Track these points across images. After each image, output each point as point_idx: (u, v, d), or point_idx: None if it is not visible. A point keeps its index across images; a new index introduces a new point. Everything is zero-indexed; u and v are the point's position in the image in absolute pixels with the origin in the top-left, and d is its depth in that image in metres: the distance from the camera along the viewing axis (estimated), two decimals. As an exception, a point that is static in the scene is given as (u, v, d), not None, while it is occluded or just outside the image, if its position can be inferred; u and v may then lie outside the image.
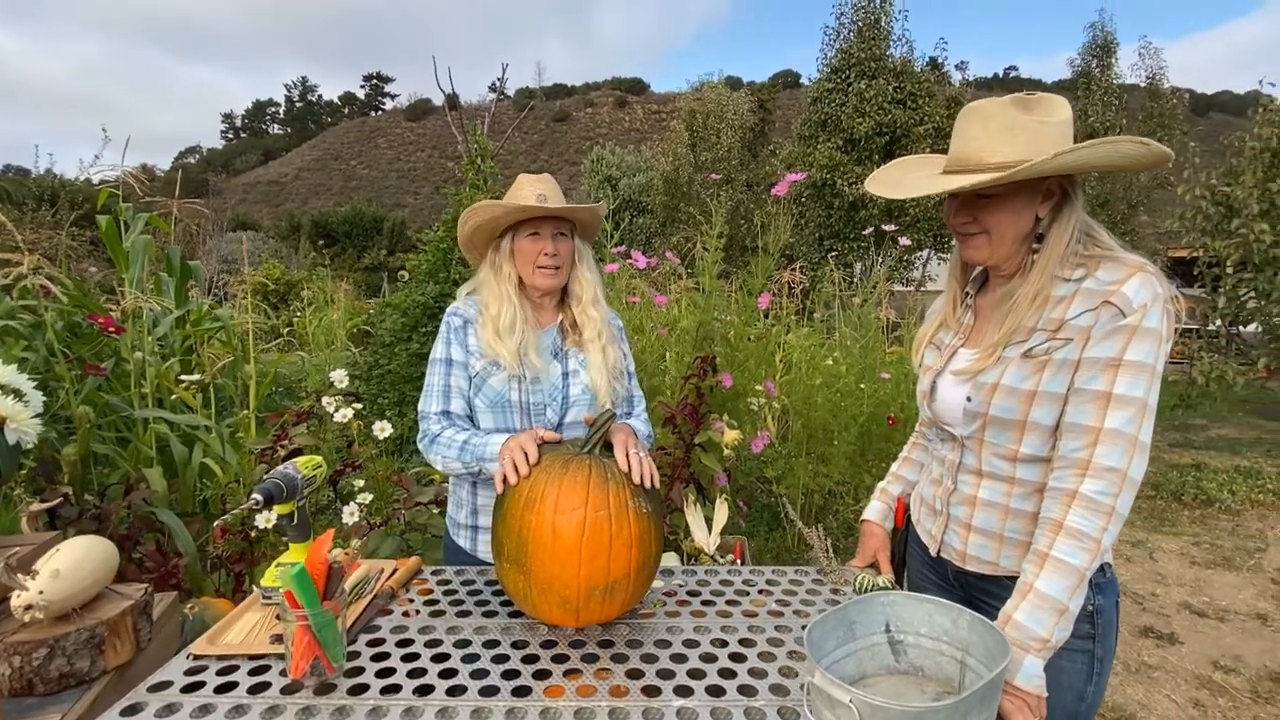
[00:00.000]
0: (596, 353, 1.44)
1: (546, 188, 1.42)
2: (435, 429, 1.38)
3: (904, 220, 13.58)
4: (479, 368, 1.40)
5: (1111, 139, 0.91)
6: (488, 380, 1.39)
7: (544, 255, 1.40)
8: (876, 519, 1.37)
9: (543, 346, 1.44)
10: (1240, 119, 11.28)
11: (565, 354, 1.47)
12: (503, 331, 1.38)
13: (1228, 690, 2.56)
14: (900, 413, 3.69)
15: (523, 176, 1.46)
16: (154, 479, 2.26)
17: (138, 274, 2.86)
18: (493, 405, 1.39)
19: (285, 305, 10.44)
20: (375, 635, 1.10)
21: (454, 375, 1.41)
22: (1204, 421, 7.61)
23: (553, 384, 1.43)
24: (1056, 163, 0.92)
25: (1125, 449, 0.91)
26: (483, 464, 1.29)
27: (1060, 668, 0.99)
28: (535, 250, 1.40)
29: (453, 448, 1.33)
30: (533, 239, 1.40)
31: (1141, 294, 0.92)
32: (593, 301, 1.47)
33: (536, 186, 1.41)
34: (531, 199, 1.38)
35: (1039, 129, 0.96)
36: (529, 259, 1.41)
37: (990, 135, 0.99)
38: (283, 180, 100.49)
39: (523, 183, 1.44)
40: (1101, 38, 16.71)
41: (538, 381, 1.41)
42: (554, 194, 1.42)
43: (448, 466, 1.35)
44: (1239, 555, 3.83)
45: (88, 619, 1.09)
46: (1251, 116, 5.71)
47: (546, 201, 1.38)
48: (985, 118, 1.01)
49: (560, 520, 1.03)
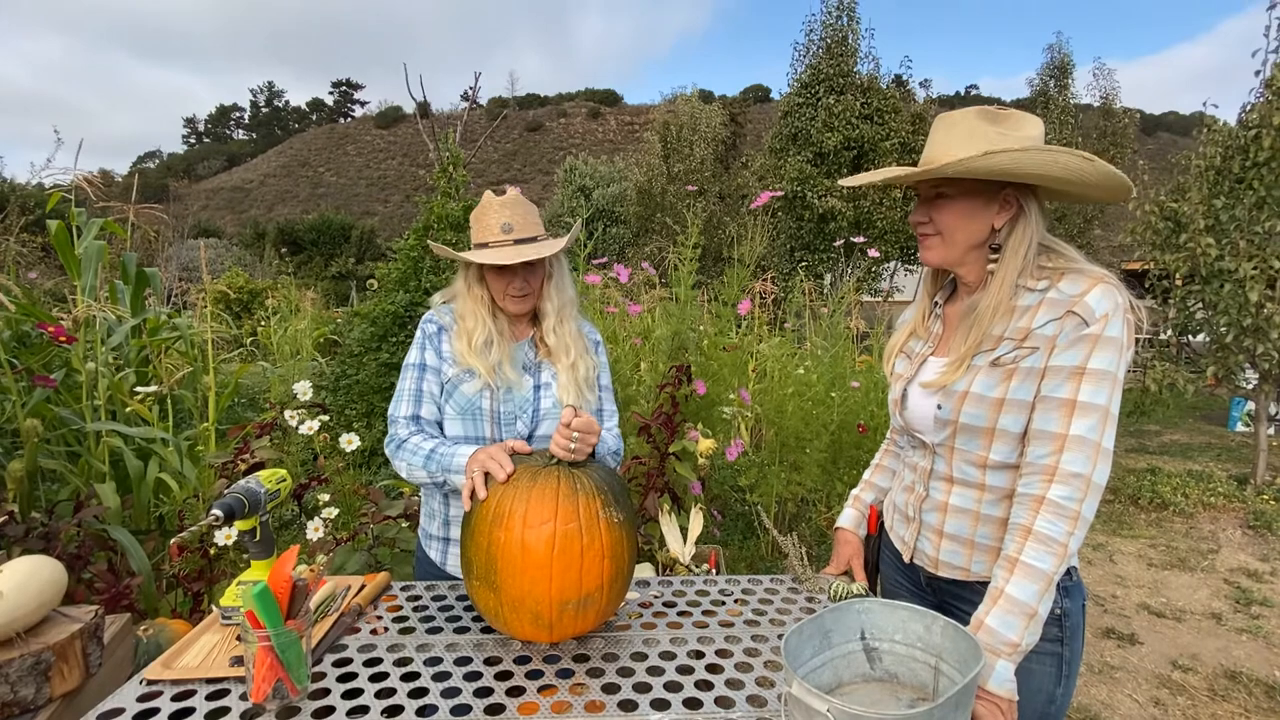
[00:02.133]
0: (565, 369, 1.43)
1: (513, 215, 1.37)
2: (403, 434, 1.35)
3: (872, 233, 13.88)
4: (452, 374, 1.39)
5: (1050, 147, 0.95)
6: (460, 387, 1.37)
7: (512, 288, 1.39)
8: (850, 526, 1.38)
9: (516, 360, 1.43)
10: (1185, 138, 11.79)
11: (538, 367, 1.46)
12: (477, 348, 1.37)
13: (1186, 689, 2.64)
14: (870, 420, 3.75)
15: (488, 199, 1.41)
16: (106, 495, 2.17)
17: (91, 281, 2.75)
18: (463, 412, 1.37)
19: (249, 314, 10.17)
20: (342, 655, 1.06)
21: (426, 380, 1.40)
22: (1157, 427, 7.90)
23: (524, 396, 1.42)
24: (987, 162, 0.95)
25: (1089, 455, 0.94)
26: (448, 475, 1.25)
27: (1030, 670, 1.01)
28: (504, 282, 1.39)
29: (418, 455, 1.30)
30: (499, 273, 1.38)
31: (1103, 304, 0.95)
32: (559, 321, 1.45)
33: (502, 215, 1.37)
34: (496, 229, 1.35)
35: (998, 139, 0.99)
36: (498, 288, 1.40)
37: (950, 140, 1.03)
38: (247, 187, 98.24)
39: (488, 208, 1.39)
40: (1059, 59, 17.41)
41: (510, 392, 1.40)
42: (522, 220, 1.38)
43: (412, 475, 1.32)
44: (1193, 556, 3.97)
45: (33, 644, 1.03)
46: (1196, 136, 5.99)
47: (511, 231, 1.35)
48: (950, 125, 1.05)
49: (529, 535, 1.01)
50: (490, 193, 1.42)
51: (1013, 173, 0.98)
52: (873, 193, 14.03)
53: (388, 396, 4.60)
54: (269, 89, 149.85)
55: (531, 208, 1.43)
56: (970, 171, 0.98)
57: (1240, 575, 3.72)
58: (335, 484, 2.36)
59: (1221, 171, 5.47)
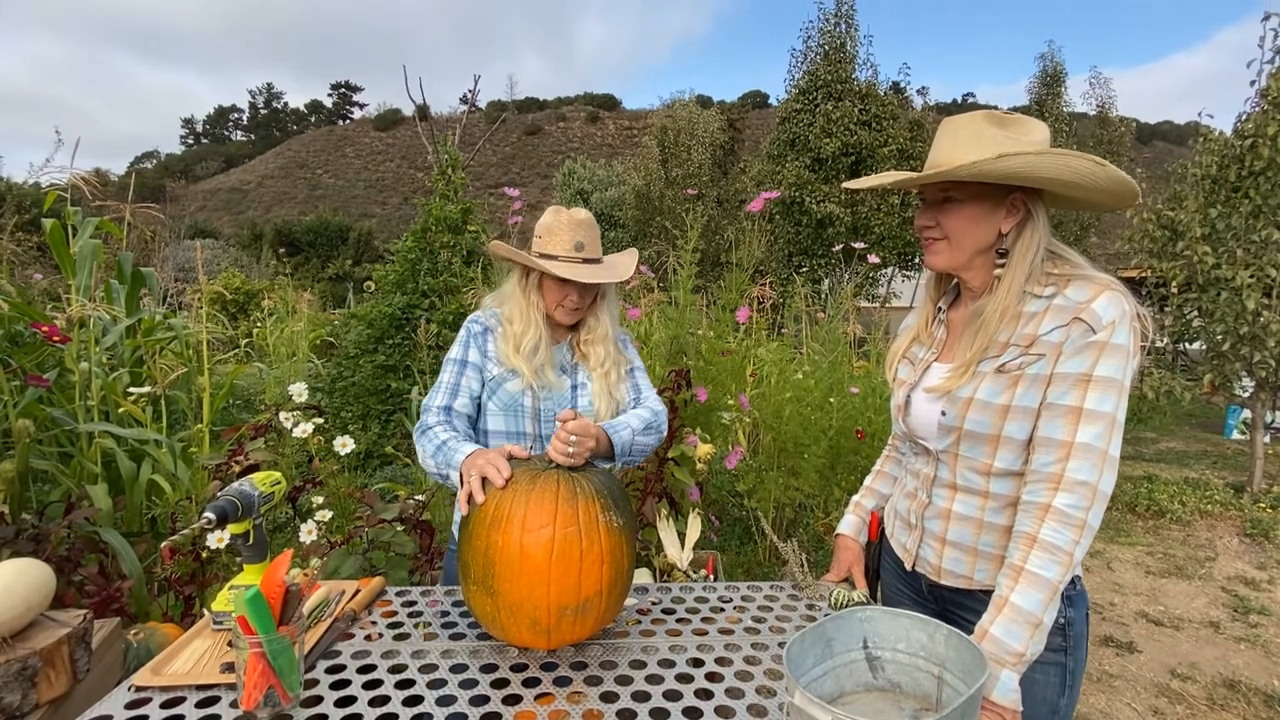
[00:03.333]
0: (600, 379, 1.50)
1: (586, 235, 1.42)
2: (431, 420, 1.38)
3: (870, 238, 13.92)
4: (496, 373, 1.45)
5: (1063, 151, 0.94)
6: (504, 384, 1.44)
7: (568, 301, 1.45)
8: (850, 533, 1.37)
9: (555, 363, 1.50)
10: (1181, 147, 11.76)
11: (574, 368, 1.53)
12: (525, 351, 1.43)
13: (1185, 698, 2.63)
14: (868, 426, 3.74)
15: (562, 214, 1.44)
16: (98, 496, 2.14)
17: (85, 281, 2.73)
18: (506, 408, 1.44)
19: (245, 315, 10.13)
20: (335, 661, 1.04)
21: (466, 376, 1.45)
22: (1154, 435, 7.92)
23: (562, 395, 1.49)
24: (1001, 165, 0.94)
25: (1096, 463, 0.93)
26: (449, 471, 1.24)
27: (1034, 680, 1.00)
28: (562, 294, 1.44)
29: (432, 443, 1.31)
30: (560, 285, 1.43)
31: (1110, 311, 0.94)
32: (602, 338, 1.51)
33: (576, 233, 1.41)
34: (569, 245, 1.40)
35: (1006, 143, 0.98)
36: (555, 298, 1.45)
37: (957, 143, 1.02)
38: (245, 188, 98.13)
39: (561, 224, 1.43)
40: (1051, 68, 17.51)
41: (549, 392, 1.47)
42: (592, 242, 1.43)
43: (424, 463, 1.33)
44: (1190, 564, 3.96)
45: (19, 649, 1.01)
46: (1192, 145, 6.02)
47: (583, 250, 1.41)
48: (956, 129, 1.04)
49: (528, 539, 1.00)
50: (562, 208, 1.47)
51: (1026, 176, 0.97)
52: (870, 198, 14.08)
53: (384, 399, 4.58)
54: (268, 90, 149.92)
55: (598, 230, 1.49)
56: (983, 175, 0.97)
57: (1238, 583, 3.71)
58: (330, 487, 2.34)
59: (1218, 180, 5.49)
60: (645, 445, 1.44)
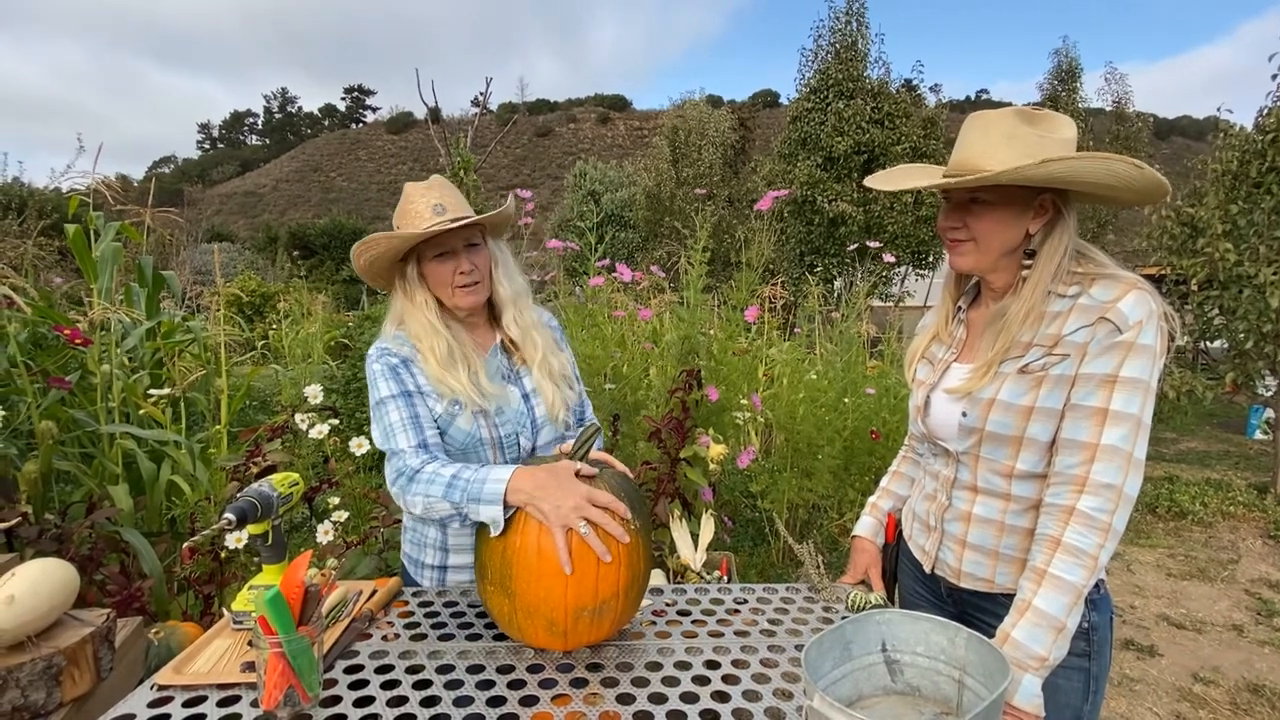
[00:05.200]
0: (542, 367, 1.34)
1: (441, 195, 1.25)
2: (414, 463, 1.16)
3: (883, 237, 13.82)
4: (440, 410, 1.24)
5: (1104, 155, 0.92)
6: (454, 422, 1.25)
7: (459, 274, 1.25)
8: (867, 535, 1.36)
9: (491, 371, 1.32)
10: (1200, 143, 11.54)
11: (517, 374, 1.36)
12: (445, 359, 1.24)
13: (1208, 702, 2.58)
14: (883, 427, 3.72)
15: (410, 187, 1.28)
16: (119, 497, 2.17)
17: (107, 284, 2.77)
18: (465, 448, 1.26)
19: (261, 318, 10.25)
20: (353, 661, 1.05)
21: (417, 405, 1.23)
22: (1174, 435, 7.79)
23: (516, 410, 1.32)
24: (1044, 170, 0.92)
25: (1121, 465, 0.91)
26: (479, 506, 1.05)
27: (1057, 686, 0.98)
28: (448, 270, 1.25)
29: (437, 484, 1.11)
30: (442, 259, 1.25)
31: (1137, 311, 0.93)
32: (518, 311, 1.34)
33: (429, 196, 1.24)
34: (427, 213, 1.21)
35: (1040, 142, 0.96)
36: (444, 280, 1.26)
37: (989, 142, 0.99)
38: (260, 191, 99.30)
39: (412, 195, 1.26)
40: (1066, 63, 17.29)
41: (502, 412, 1.30)
42: (452, 200, 1.25)
43: (431, 508, 1.13)
44: (1213, 567, 3.89)
45: (44, 648, 1.02)
46: (1211, 141, 5.92)
47: (445, 213, 1.21)
48: (986, 126, 1.00)
49: (545, 540, 1.00)
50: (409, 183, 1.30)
51: (1067, 180, 0.95)
52: (883, 197, 13.98)
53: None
54: (282, 95, 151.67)
55: (458, 191, 1.30)
56: (1027, 179, 0.95)
57: (1262, 586, 3.64)
58: (346, 487, 2.36)
59: (1239, 176, 5.40)
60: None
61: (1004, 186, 0.99)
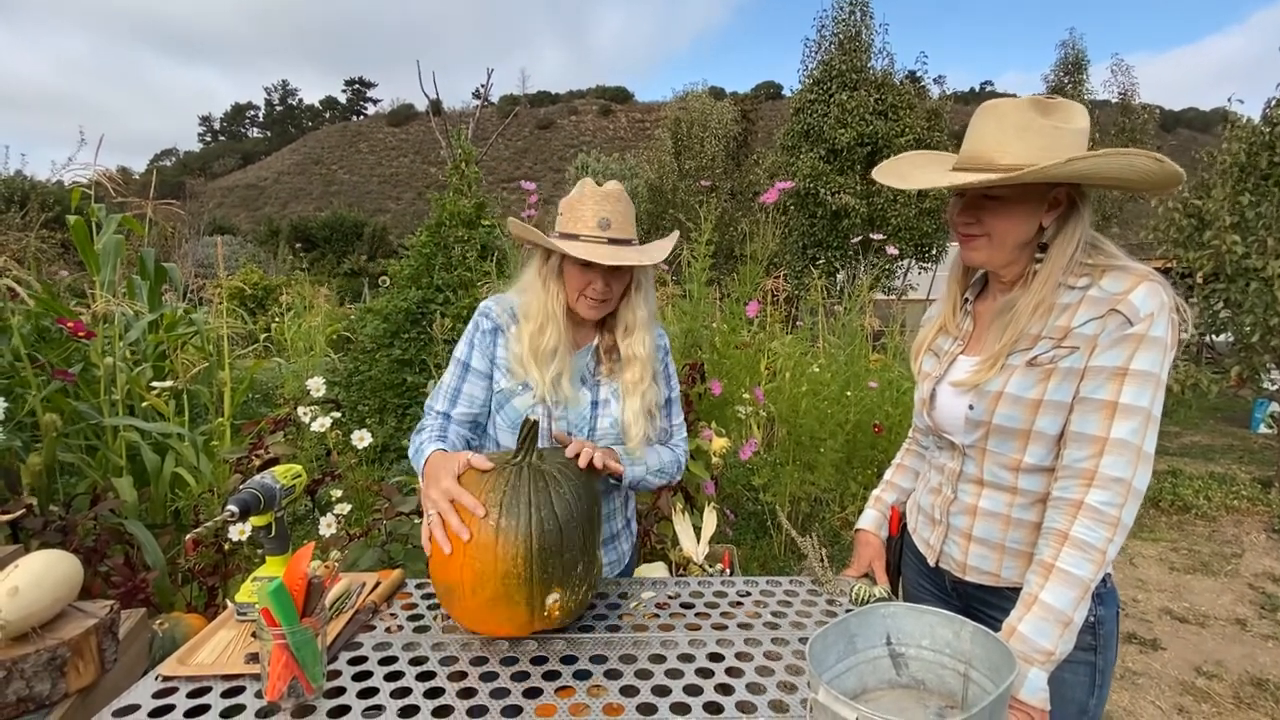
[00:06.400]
0: (635, 395, 1.30)
1: (613, 210, 1.22)
2: (425, 422, 1.30)
3: (886, 229, 13.75)
4: (504, 385, 1.29)
5: (1127, 150, 0.90)
6: (511, 400, 1.28)
7: (592, 290, 1.24)
8: (871, 528, 1.35)
9: (575, 372, 1.31)
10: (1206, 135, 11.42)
11: (597, 383, 1.33)
12: (542, 353, 1.25)
13: (1211, 696, 2.58)
14: (886, 420, 3.71)
15: (587, 187, 1.25)
16: (123, 489, 2.18)
17: (109, 276, 2.77)
18: (514, 426, 1.28)
19: (263, 310, 10.26)
20: (357, 653, 1.05)
21: (469, 383, 1.31)
22: (1177, 429, 7.77)
23: (580, 413, 1.31)
24: (1069, 168, 0.90)
25: (1130, 459, 0.90)
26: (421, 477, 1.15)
27: (1063, 680, 0.98)
28: (584, 281, 1.24)
29: (413, 447, 1.25)
30: (584, 270, 1.23)
31: (1149, 303, 0.91)
32: (641, 337, 1.30)
33: (601, 208, 1.21)
34: (592, 223, 1.20)
35: (1055, 134, 0.94)
36: (576, 286, 1.25)
37: (1004, 134, 0.97)
38: (261, 184, 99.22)
39: (586, 198, 1.23)
40: (1072, 55, 17.15)
41: (564, 409, 1.29)
42: (621, 219, 1.23)
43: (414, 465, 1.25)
44: (1216, 561, 3.89)
45: (48, 639, 1.02)
46: (1220, 132, 5.87)
47: (609, 228, 1.21)
48: (1000, 116, 0.98)
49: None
50: (590, 180, 1.28)
51: (1090, 176, 0.94)
52: (886, 189, 13.91)
53: (400, 393, 4.61)
54: (283, 87, 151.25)
55: (631, 207, 1.28)
56: (1051, 178, 0.93)
57: (1265, 580, 3.64)
58: (348, 480, 2.36)
59: (1246, 168, 5.35)
60: (650, 485, 1.34)
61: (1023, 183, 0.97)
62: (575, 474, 1.10)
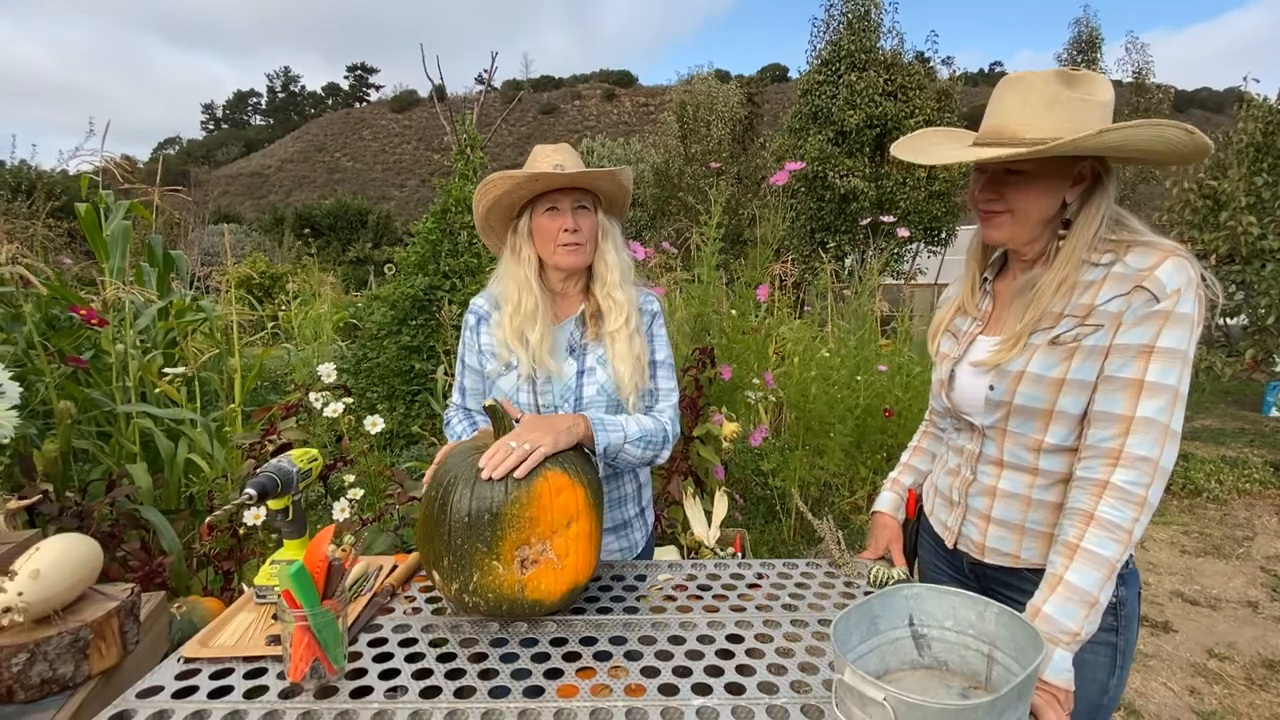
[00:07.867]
0: (623, 341, 1.31)
1: (564, 157, 1.31)
2: (449, 415, 1.49)
3: (895, 212, 13.61)
4: (490, 369, 1.37)
5: (1157, 121, 0.87)
6: (497, 382, 1.36)
7: (564, 231, 1.29)
8: (888, 510, 1.34)
9: (559, 344, 1.35)
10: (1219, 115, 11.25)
11: (583, 350, 1.36)
12: (525, 320, 1.30)
13: (1223, 677, 2.58)
14: (896, 405, 3.69)
15: (538, 148, 1.36)
16: (138, 475, 2.19)
17: (118, 264, 2.77)
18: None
19: (270, 298, 10.28)
20: (377, 635, 1.05)
21: (468, 376, 1.46)
22: (1189, 412, 7.69)
23: (565, 384, 1.34)
24: (1101, 140, 0.87)
25: (1157, 438, 0.89)
26: None
27: (1084, 660, 0.97)
28: (555, 226, 1.29)
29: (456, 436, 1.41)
30: (551, 214, 1.30)
31: (1175, 279, 0.89)
32: (619, 284, 1.34)
33: (553, 156, 1.31)
34: (547, 168, 1.28)
35: (1081, 106, 0.92)
36: (549, 237, 1.30)
37: (1030, 108, 0.94)
38: (265, 172, 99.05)
39: (538, 154, 1.35)
40: (1086, 33, 16.84)
41: (549, 382, 1.33)
42: (572, 163, 1.31)
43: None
44: (1228, 544, 3.87)
45: (70, 621, 1.03)
46: (1235, 112, 5.76)
47: (564, 170, 1.27)
48: (1026, 89, 0.95)
49: None
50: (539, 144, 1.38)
51: (1121, 148, 0.91)
52: (896, 171, 13.74)
53: (408, 379, 4.62)
54: (285, 74, 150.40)
55: (580, 160, 1.36)
56: (1083, 150, 0.90)
57: (1277, 563, 3.62)
58: (360, 465, 2.37)
59: (1263, 148, 5.26)
60: (634, 458, 1.27)
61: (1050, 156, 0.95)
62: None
